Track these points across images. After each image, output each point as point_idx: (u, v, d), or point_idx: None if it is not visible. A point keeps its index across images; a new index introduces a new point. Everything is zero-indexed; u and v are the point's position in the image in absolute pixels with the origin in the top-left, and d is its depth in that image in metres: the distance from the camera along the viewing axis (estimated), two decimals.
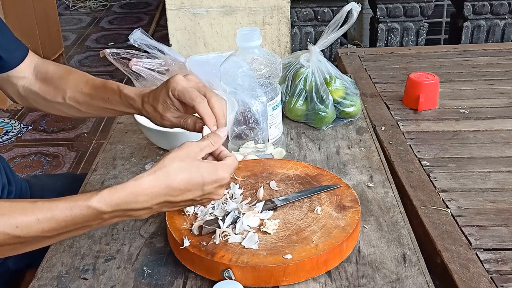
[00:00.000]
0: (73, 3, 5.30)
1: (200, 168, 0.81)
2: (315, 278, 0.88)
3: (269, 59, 1.15)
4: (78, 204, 0.75)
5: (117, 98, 1.02)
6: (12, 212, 0.74)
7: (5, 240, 0.73)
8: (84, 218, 0.75)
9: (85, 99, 1.06)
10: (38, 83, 1.11)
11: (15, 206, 0.75)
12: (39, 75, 1.11)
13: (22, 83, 1.11)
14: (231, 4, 2.62)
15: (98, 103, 1.05)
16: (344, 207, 0.97)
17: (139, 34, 1.34)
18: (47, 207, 0.74)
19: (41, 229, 0.74)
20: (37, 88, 1.11)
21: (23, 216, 0.73)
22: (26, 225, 0.73)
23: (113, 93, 1.02)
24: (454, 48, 2.08)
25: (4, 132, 3.11)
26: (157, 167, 0.79)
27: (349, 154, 1.24)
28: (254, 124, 1.18)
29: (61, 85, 1.09)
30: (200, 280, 0.89)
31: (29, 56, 1.12)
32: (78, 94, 1.07)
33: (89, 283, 0.89)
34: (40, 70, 1.12)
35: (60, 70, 1.12)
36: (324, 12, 2.81)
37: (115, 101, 1.02)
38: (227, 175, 0.83)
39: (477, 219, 1.13)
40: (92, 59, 4.09)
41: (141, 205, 0.77)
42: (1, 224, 0.72)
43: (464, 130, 1.48)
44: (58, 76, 1.11)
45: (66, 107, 1.09)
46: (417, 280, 0.88)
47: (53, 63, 1.16)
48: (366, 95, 1.69)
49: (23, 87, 1.11)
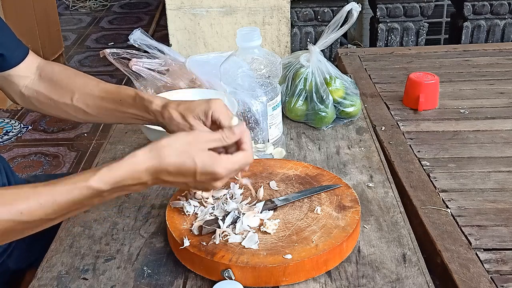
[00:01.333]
0: (73, 3, 5.30)
1: (196, 156, 0.80)
2: (315, 278, 0.88)
3: (269, 59, 1.15)
4: (77, 186, 0.77)
5: (131, 100, 1.01)
6: (15, 200, 0.76)
7: (11, 226, 0.76)
8: (85, 198, 0.78)
9: (94, 101, 1.05)
10: (44, 82, 1.10)
11: (17, 193, 0.77)
12: (43, 75, 1.10)
13: (25, 82, 1.10)
14: (231, 4, 2.62)
15: (108, 105, 1.04)
16: (344, 207, 0.97)
17: (139, 34, 1.34)
18: (48, 192, 0.77)
19: (44, 213, 0.77)
20: (42, 87, 1.09)
21: (26, 203, 0.76)
22: (30, 210, 0.76)
23: (127, 95, 1.02)
24: (454, 48, 2.09)
25: (4, 132, 3.11)
26: (153, 145, 0.81)
27: (349, 154, 1.24)
28: (254, 124, 1.18)
29: (69, 85, 1.08)
30: (200, 280, 0.89)
31: (30, 56, 1.11)
32: (87, 96, 1.06)
33: (89, 283, 0.89)
34: (45, 70, 1.11)
35: (68, 71, 1.12)
36: (324, 12, 2.81)
37: (128, 104, 1.01)
38: (223, 172, 0.82)
39: (477, 219, 1.13)
40: (92, 59, 4.09)
41: (136, 181, 0.80)
42: (6, 212, 0.75)
43: (464, 130, 1.48)
44: (65, 76, 1.10)
45: (73, 108, 1.07)
46: (417, 280, 0.88)
47: (58, 64, 1.16)
48: (366, 95, 1.69)
49: (26, 87, 1.10)
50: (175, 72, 1.39)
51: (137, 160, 0.79)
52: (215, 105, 0.94)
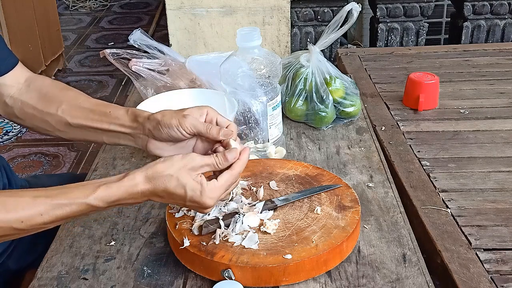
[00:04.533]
0: (73, 3, 5.30)
1: (187, 185, 0.84)
2: (315, 278, 0.88)
3: (269, 59, 1.15)
4: (76, 202, 0.82)
5: (122, 112, 0.99)
6: (17, 208, 0.81)
7: (10, 231, 0.82)
8: (83, 212, 0.84)
9: (81, 112, 1.02)
10: (31, 93, 1.07)
11: (19, 201, 0.82)
12: (32, 86, 1.08)
13: (10, 92, 1.07)
14: (231, 4, 2.62)
15: (94, 116, 1.01)
16: (344, 207, 0.97)
17: (139, 35, 1.34)
18: (49, 204, 0.82)
19: (43, 221, 0.82)
20: (28, 98, 1.07)
21: (27, 212, 0.81)
22: (30, 219, 0.81)
23: (117, 108, 1.01)
24: (454, 48, 2.09)
25: (4, 132, 3.11)
26: (150, 170, 0.85)
27: (349, 154, 1.24)
28: (254, 124, 1.18)
29: (58, 97, 1.06)
30: (200, 280, 0.89)
31: (19, 67, 1.09)
32: (74, 108, 1.03)
33: (89, 283, 0.89)
34: (35, 82, 1.09)
35: (59, 84, 1.10)
36: (324, 12, 2.81)
37: (118, 114, 0.99)
38: (210, 202, 0.86)
39: (477, 219, 1.13)
40: (92, 59, 4.09)
41: (133, 200, 0.86)
42: (7, 219, 0.80)
43: (464, 130, 1.48)
44: (56, 88, 1.08)
45: (55, 119, 1.04)
46: (417, 280, 0.88)
47: (49, 78, 1.14)
48: (366, 95, 1.69)
49: (11, 97, 1.07)
50: (175, 72, 1.39)
51: (135, 182, 0.84)
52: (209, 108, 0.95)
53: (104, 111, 1.01)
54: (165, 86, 1.38)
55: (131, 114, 0.98)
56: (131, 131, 0.98)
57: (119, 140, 1.01)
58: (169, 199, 0.86)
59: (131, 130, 0.98)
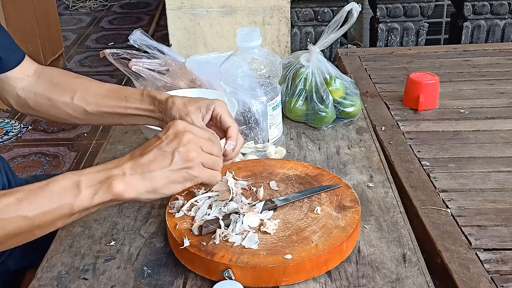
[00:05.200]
0: (73, 3, 5.30)
1: (161, 133, 0.84)
2: (315, 278, 0.88)
3: (269, 59, 1.15)
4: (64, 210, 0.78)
5: (138, 95, 1.03)
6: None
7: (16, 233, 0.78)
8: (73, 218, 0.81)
9: (97, 99, 1.06)
10: (43, 84, 1.10)
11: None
12: (42, 77, 1.11)
13: (22, 84, 1.10)
14: (231, 4, 2.63)
15: (110, 102, 1.05)
16: (344, 207, 0.97)
17: (139, 35, 1.34)
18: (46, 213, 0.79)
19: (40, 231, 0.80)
20: (40, 89, 1.09)
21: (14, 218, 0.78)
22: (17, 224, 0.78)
23: (133, 91, 1.04)
24: (454, 48, 2.09)
25: (4, 132, 3.11)
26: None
27: (349, 154, 1.24)
28: (254, 124, 1.18)
29: (70, 85, 1.08)
30: (200, 280, 0.89)
31: (27, 60, 1.12)
32: (89, 94, 1.06)
33: (89, 283, 0.89)
34: (44, 73, 1.12)
35: (69, 73, 1.13)
36: (324, 12, 2.81)
37: (133, 99, 1.03)
38: (181, 125, 0.83)
39: (477, 219, 1.13)
40: (92, 59, 4.09)
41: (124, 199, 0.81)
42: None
43: (464, 130, 1.48)
44: (67, 77, 1.11)
45: (72, 108, 1.07)
46: (417, 280, 0.88)
47: (58, 68, 1.17)
48: (366, 95, 1.69)
49: (23, 89, 1.10)
50: (175, 72, 1.39)
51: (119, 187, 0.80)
52: (219, 102, 0.99)
53: (120, 96, 1.05)
54: (165, 86, 1.38)
55: (147, 97, 1.02)
56: (148, 113, 1.03)
57: (137, 121, 1.06)
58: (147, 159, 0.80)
59: (148, 113, 1.03)
